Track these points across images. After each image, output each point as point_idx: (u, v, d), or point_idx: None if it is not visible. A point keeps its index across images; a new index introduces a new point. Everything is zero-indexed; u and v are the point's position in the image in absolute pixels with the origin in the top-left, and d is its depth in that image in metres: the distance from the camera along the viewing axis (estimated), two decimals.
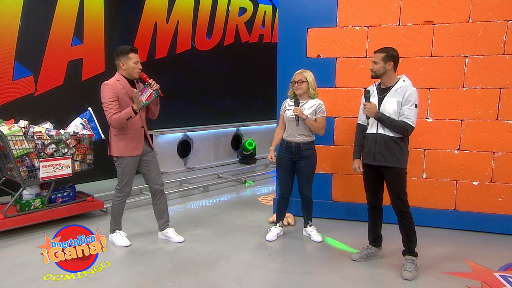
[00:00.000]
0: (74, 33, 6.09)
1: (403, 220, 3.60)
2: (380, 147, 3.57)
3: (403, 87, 3.56)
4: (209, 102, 8.07)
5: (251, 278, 3.47)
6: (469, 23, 4.46)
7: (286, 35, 4.89)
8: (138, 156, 3.95)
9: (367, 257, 3.90)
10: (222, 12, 8.11)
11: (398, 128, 3.50)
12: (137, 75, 3.87)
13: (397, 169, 3.58)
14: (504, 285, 3.43)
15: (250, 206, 5.54)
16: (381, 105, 3.60)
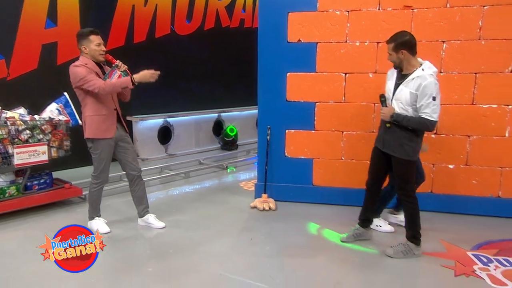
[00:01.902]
0: (48, 15, 5.95)
1: (405, 205, 3.72)
2: (389, 136, 3.57)
3: (420, 77, 3.36)
4: (190, 88, 8.04)
5: (233, 262, 3.51)
6: (447, 8, 4.51)
7: (266, 20, 4.86)
8: (113, 140, 3.90)
9: (355, 237, 3.95)
10: None
11: (417, 125, 3.40)
12: (101, 58, 3.81)
13: (404, 160, 3.53)
14: (476, 263, 3.55)
15: (232, 192, 5.59)
16: (396, 90, 3.51)
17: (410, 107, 3.38)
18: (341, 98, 4.81)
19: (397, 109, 3.44)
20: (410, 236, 3.64)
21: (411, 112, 3.38)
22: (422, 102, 3.30)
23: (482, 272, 3.39)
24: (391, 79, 3.62)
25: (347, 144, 4.85)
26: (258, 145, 5.16)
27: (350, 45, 4.75)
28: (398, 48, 3.39)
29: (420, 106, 3.32)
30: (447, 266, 3.49)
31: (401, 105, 3.42)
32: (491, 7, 4.42)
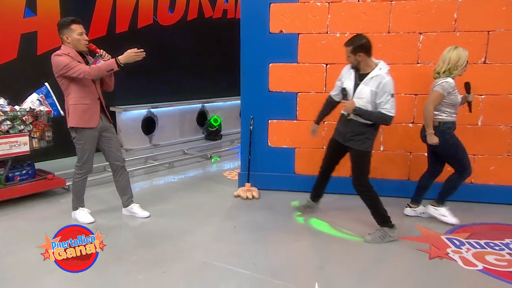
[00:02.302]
0: (26, 4, 5.86)
1: (363, 195, 3.84)
2: (350, 129, 3.75)
3: (379, 76, 3.58)
4: (173, 78, 8.02)
5: (217, 250, 3.53)
6: (424, 1, 4.56)
7: (249, 10, 4.85)
8: (96, 130, 3.88)
9: (305, 207, 4.40)
10: None
11: (377, 119, 3.62)
12: (84, 47, 3.77)
13: (362, 151, 3.75)
14: (449, 246, 3.66)
15: (216, 181, 5.60)
16: (357, 89, 3.68)
17: (370, 104, 3.59)
18: (322, 88, 4.83)
19: (359, 104, 3.62)
20: (381, 222, 3.79)
21: (371, 109, 3.59)
22: (382, 99, 3.52)
23: (455, 255, 3.49)
24: (348, 79, 3.78)
25: (328, 134, 4.77)
26: (241, 135, 5.18)
27: (331, 36, 4.77)
28: (356, 51, 3.60)
29: (380, 102, 3.53)
30: (422, 249, 3.57)
31: (362, 102, 3.60)
32: (466, 0, 4.49)
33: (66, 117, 3.87)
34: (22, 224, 4.08)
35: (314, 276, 3.16)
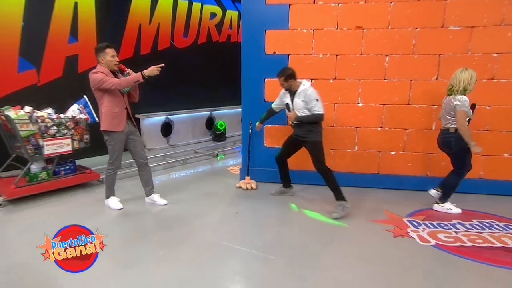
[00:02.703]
0: (70, 32, 5.90)
1: (324, 176, 4.03)
2: (300, 130, 4.10)
3: (304, 90, 3.99)
4: (186, 91, 8.00)
5: (222, 231, 3.55)
6: (389, 29, 4.59)
7: (248, 35, 4.86)
8: (124, 134, 3.89)
9: (280, 193, 4.62)
10: (196, 16, 7.98)
11: (313, 119, 3.97)
12: (115, 67, 3.79)
13: (315, 141, 4.05)
14: (409, 227, 3.72)
15: (221, 175, 5.59)
16: (293, 103, 4.06)
17: (306, 110, 3.97)
18: None
19: (299, 114, 4.01)
20: (338, 197, 4.02)
21: (307, 113, 3.98)
22: (311, 104, 3.93)
23: (413, 233, 3.55)
24: (285, 97, 4.19)
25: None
26: (242, 137, 5.17)
27: (315, 57, 4.79)
28: (287, 79, 4.00)
29: (311, 107, 3.94)
30: (388, 229, 3.62)
31: (300, 111, 4.01)
32: (421, 29, 4.53)
33: (100, 122, 3.89)
34: (66, 209, 4.10)
35: (301, 252, 3.17)
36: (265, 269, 2.89)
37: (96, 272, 2.77)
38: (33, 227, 3.62)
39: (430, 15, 4.50)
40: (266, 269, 2.89)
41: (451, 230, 3.64)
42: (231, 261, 3.00)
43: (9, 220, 3.80)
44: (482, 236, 3.52)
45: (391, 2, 4.53)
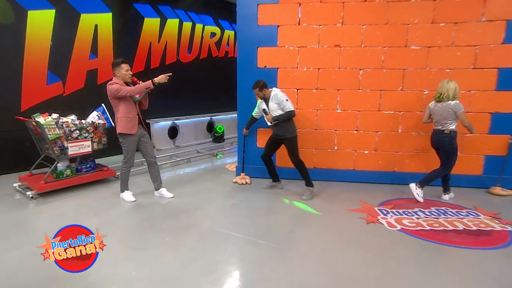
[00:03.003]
0: (91, 50, 5.91)
1: (298, 167, 4.23)
2: (278, 129, 4.21)
3: (275, 95, 4.11)
4: (190, 99, 7.99)
5: (220, 220, 3.56)
6: (362, 48, 4.62)
7: (243, 52, 4.84)
8: (136, 136, 3.89)
9: (271, 187, 4.61)
10: (199, 35, 7.98)
11: (287, 117, 4.10)
12: (128, 79, 3.81)
13: (291, 137, 4.16)
14: (379, 214, 3.75)
15: (220, 172, 5.57)
16: (269, 107, 4.17)
17: (280, 110, 4.09)
18: (295, 106, 4.77)
19: (274, 114, 4.12)
20: (308, 184, 4.26)
21: (281, 113, 4.10)
22: (283, 104, 4.08)
23: (383, 220, 3.59)
24: (262, 105, 4.27)
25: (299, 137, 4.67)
26: (238, 139, 5.14)
27: (300, 70, 4.79)
28: (262, 88, 4.11)
29: (283, 107, 4.08)
30: (362, 217, 3.66)
31: (275, 112, 4.12)
32: (389, 48, 4.57)
33: (115, 126, 3.89)
34: (87, 201, 4.08)
35: (287, 238, 3.20)
36: (257, 252, 2.91)
37: (113, 254, 2.80)
38: (60, 216, 3.64)
39: (395, 37, 4.55)
40: (258, 252, 2.91)
41: (413, 217, 3.69)
42: (228, 246, 3.01)
43: (40, 211, 3.80)
44: (438, 221, 3.58)
45: (363, 25, 4.57)
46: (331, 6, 4.59)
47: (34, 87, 5.30)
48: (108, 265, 2.66)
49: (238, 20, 4.77)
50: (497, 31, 4.37)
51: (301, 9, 4.64)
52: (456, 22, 4.43)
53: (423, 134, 4.70)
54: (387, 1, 4.49)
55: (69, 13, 5.56)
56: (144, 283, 2.48)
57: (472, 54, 4.47)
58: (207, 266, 2.68)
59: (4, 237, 3.16)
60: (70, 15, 5.59)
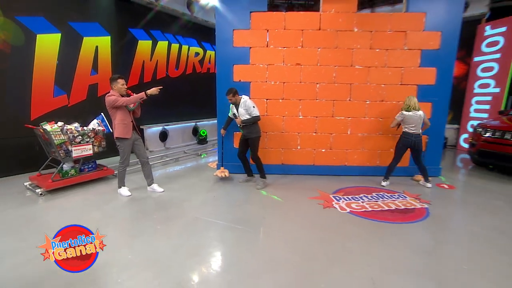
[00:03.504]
0: (92, 67, 5.66)
1: (256, 162, 4.24)
2: (246, 130, 4.17)
3: (244, 102, 4.09)
4: (178, 108, 7.82)
5: (204, 210, 3.50)
6: (318, 66, 4.70)
7: (221, 68, 4.79)
8: (131, 140, 3.80)
9: (246, 181, 4.54)
10: (185, 54, 7.82)
11: (253, 120, 4.11)
12: (124, 92, 3.72)
13: (254, 137, 4.15)
14: (333, 200, 3.80)
15: (203, 169, 5.48)
16: (238, 112, 4.14)
17: (248, 115, 4.09)
18: (265, 113, 4.84)
19: (243, 118, 4.10)
20: (262, 176, 4.32)
21: (248, 117, 4.09)
22: (250, 110, 4.08)
23: (336, 205, 3.65)
24: (234, 108, 4.22)
25: (269, 139, 4.92)
26: (218, 141, 5.05)
27: (269, 83, 4.80)
28: (234, 95, 4.08)
29: (250, 112, 4.08)
30: (320, 203, 3.70)
31: (243, 116, 4.11)
32: (339, 67, 4.68)
33: (113, 132, 3.78)
34: (89, 197, 3.91)
35: (260, 223, 3.19)
36: (234, 236, 2.90)
37: (112, 240, 2.72)
38: (67, 210, 3.50)
39: (343, 58, 4.68)
40: (235, 235, 2.90)
41: (359, 201, 3.78)
42: (210, 232, 2.99)
43: (48, 206, 3.61)
44: (378, 203, 3.71)
45: (318, 48, 4.68)
46: (293, 33, 4.66)
47: (42, 99, 5.05)
48: (108, 251, 2.55)
49: (217, 42, 4.73)
50: (415, 57, 4.65)
51: (269, 35, 4.67)
52: (387, 49, 4.66)
53: (366, 135, 4.86)
54: (336, 31, 4.63)
55: (73, 37, 5.34)
56: (140, 265, 2.42)
57: (399, 73, 4.70)
58: (193, 249, 2.65)
59: (16, 230, 2.97)
60: (74, 38, 5.37)
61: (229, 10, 4.63)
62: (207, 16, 8.02)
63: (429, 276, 2.32)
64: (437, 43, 4.60)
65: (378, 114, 4.81)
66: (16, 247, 2.67)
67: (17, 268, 2.39)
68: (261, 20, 4.63)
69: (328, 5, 4.61)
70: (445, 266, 2.47)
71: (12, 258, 2.52)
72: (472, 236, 2.97)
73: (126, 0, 6.22)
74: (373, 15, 4.67)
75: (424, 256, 2.58)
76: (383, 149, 4.92)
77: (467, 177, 5.08)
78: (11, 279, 2.27)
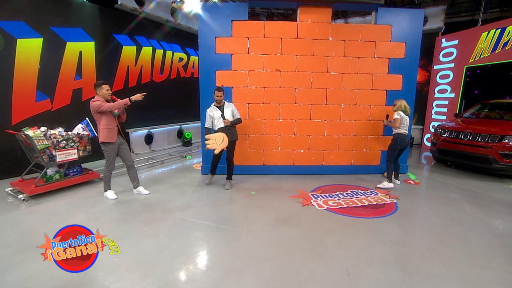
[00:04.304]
0: (76, 72, 5.41)
1: (231, 164, 4.18)
2: (230, 132, 4.06)
3: (228, 104, 4.11)
4: (163, 111, 7.66)
5: (188, 211, 3.47)
6: (296, 72, 4.77)
7: (204, 74, 4.73)
8: (116, 144, 3.69)
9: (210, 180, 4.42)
10: (169, 60, 7.66)
11: (238, 122, 4.08)
12: (108, 97, 3.61)
13: (235, 140, 4.11)
14: (312, 198, 3.84)
15: (188, 171, 5.40)
16: (224, 113, 4.04)
17: (232, 117, 4.07)
18: (246, 116, 4.84)
19: (229, 119, 4.03)
20: (229, 178, 4.28)
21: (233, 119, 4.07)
22: (235, 112, 4.10)
23: (314, 203, 3.69)
24: (214, 113, 4.06)
25: (250, 141, 4.92)
26: (201, 143, 4.95)
27: (250, 88, 4.80)
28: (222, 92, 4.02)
29: (235, 114, 4.10)
30: (299, 201, 3.74)
31: (229, 117, 4.05)
32: (315, 73, 4.78)
33: (98, 136, 3.67)
34: (75, 201, 3.76)
35: (243, 222, 3.19)
36: (218, 235, 2.89)
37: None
38: (51, 214, 3.35)
39: (320, 65, 4.78)
40: (219, 235, 2.90)
41: (335, 198, 3.85)
42: (195, 232, 2.96)
43: (31, 211, 3.44)
44: (352, 200, 3.81)
45: (296, 55, 4.75)
46: (272, 41, 4.70)
47: (24, 104, 4.77)
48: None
49: (200, 49, 4.69)
50: (383, 65, 4.85)
51: (250, 42, 4.69)
52: (359, 57, 4.82)
53: (341, 137, 4.99)
54: (313, 39, 4.73)
55: (55, 42, 5.08)
56: (126, 267, 2.36)
57: (370, 79, 4.88)
58: (179, 249, 2.62)
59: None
60: (57, 43, 5.11)
61: (211, 18, 4.61)
62: (190, 23, 7.93)
63: (396, 265, 2.44)
64: (402, 53, 4.82)
65: (352, 117, 4.95)
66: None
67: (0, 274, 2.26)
68: (242, 28, 4.65)
69: (305, 15, 4.71)
70: (410, 254, 2.60)
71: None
72: (432, 226, 3.15)
73: (110, 6, 6.03)
74: (346, 26, 4.82)
75: (392, 247, 2.71)
76: (357, 149, 5.06)
77: (430, 173, 5.35)
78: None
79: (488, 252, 2.65)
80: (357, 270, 2.36)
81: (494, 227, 3.15)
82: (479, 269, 2.41)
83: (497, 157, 4.69)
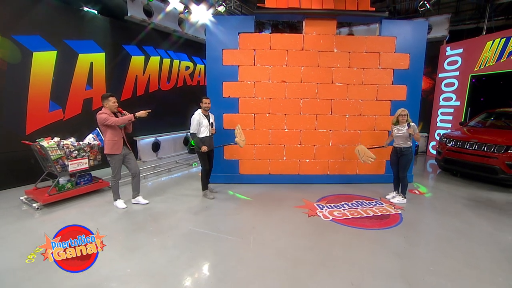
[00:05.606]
0: (87, 82, 5.61)
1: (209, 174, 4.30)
2: (211, 141, 4.18)
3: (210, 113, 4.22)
4: (170, 119, 7.78)
5: (197, 221, 3.50)
6: (302, 83, 4.83)
7: (212, 84, 4.80)
8: (121, 155, 3.77)
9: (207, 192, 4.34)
10: (176, 68, 7.83)
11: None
12: (115, 110, 3.72)
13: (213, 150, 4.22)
14: (317, 209, 3.85)
15: (195, 179, 5.40)
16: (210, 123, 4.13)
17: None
18: (252, 126, 4.90)
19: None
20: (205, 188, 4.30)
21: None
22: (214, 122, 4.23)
23: (319, 213, 3.70)
24: (203, 120, 4.10)
25: (257, 150, 4.96)
26: None
27: (256, 99, 4.86)
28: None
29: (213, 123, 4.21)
30: (305, 212, 3.75)
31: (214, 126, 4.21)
32: (321, 84, 4.83)
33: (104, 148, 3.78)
34: (86, 209, 3.86)
35: (250, 232, 3.22)
36: (227, 246, 2.93)
37: (110, 253, 2.71)
38: (63, 222, 3.41)
39: (325, 76, 4.84)
40: (228, 246, 2.93)
41: (341, 209, 3.86)
42: (204, 242, 3.00)
43: (45, 220, 3.54)
44: (357, 211, 3.81)
45: (302, 67, 4.82)
46: (278, 52, 4.79)
47: (38, 114, 4.97)
48: (106, 264, 2.56)
49: (208, 60, 4.79)
50: (388, 76, 4.89)
51: (256, 54, 4.78)
52: (364, 68, 4.88)
53: (346, 146, 5.02)
54: (318, 51, 4.82)
55: (68, 54, 5.29)
56: (138, 278, 2.43)
57: (375, 90, 4.93)
58: (188, 260, 2.68)
59: (15, 245, 2.91)
60: (70, 55, 5.32)
61: (219, 30, 4.73)
62: (197, 32, 8.10)
63: (401, 278, 2.48)
64: (406, 64, 4.88)
65: (357, 127, 4.98)
66: (16, 263, 2.62)
67: (18, 284, 2.36)
68: (248, 40, 4.75)
69: (310, 28, 4.81)
70: (414, 267, 2.63)
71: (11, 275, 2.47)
72: (437, 238, 3.17)
73: (120, 18, 6.22)
74: (351, 38, 4.90)
75: (397, 259, 2.74)
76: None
77: (435, 182, 5.35)
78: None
79: (494, 266, 2.66)
80: (362, 283, 2.40)
81: (500, 240, 3.16)
82: (485, 284, 2.43)
83: (503, 167, 4.68)
